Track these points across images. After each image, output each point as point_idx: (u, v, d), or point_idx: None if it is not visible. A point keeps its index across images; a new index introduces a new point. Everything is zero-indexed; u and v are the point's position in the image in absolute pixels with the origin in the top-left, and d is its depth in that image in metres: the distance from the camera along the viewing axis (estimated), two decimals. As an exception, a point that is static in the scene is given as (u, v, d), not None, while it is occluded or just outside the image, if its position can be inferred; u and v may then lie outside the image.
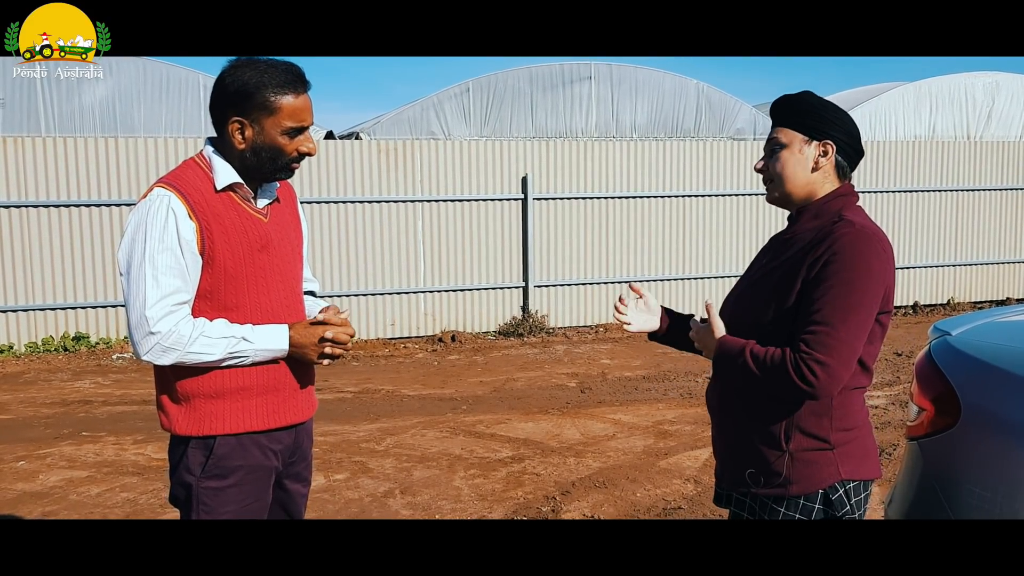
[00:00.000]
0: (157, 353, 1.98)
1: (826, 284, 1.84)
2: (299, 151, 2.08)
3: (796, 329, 1.87)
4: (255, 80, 2.00)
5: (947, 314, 10.49)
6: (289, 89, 2.03)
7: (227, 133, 2.05)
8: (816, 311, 1.84)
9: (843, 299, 1.82)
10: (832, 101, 2.04)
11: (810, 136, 1.98)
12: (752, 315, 1.98)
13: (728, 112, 11.33)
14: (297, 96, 2.04)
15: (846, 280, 1.83)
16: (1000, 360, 2.30)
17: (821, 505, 1.94)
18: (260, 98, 2.01)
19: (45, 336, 8.34)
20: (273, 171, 2.10)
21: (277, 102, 2.01)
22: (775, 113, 2.06)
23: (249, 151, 2.05)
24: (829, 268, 1.85)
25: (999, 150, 11.19)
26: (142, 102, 9.44)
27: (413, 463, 5.15)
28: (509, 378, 7.54)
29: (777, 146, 2.02)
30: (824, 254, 1.87)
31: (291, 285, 2.20)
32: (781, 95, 2.06)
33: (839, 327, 1.82)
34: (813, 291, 1.86)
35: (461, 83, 10.38)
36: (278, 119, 2.03)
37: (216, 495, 2.07)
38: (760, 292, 2.00)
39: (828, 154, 1.99)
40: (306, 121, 2.07)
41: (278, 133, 2.04)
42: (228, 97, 2.03)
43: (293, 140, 2.06)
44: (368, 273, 9.07)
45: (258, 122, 2.03)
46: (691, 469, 4.98)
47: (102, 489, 4.72)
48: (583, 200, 9.67)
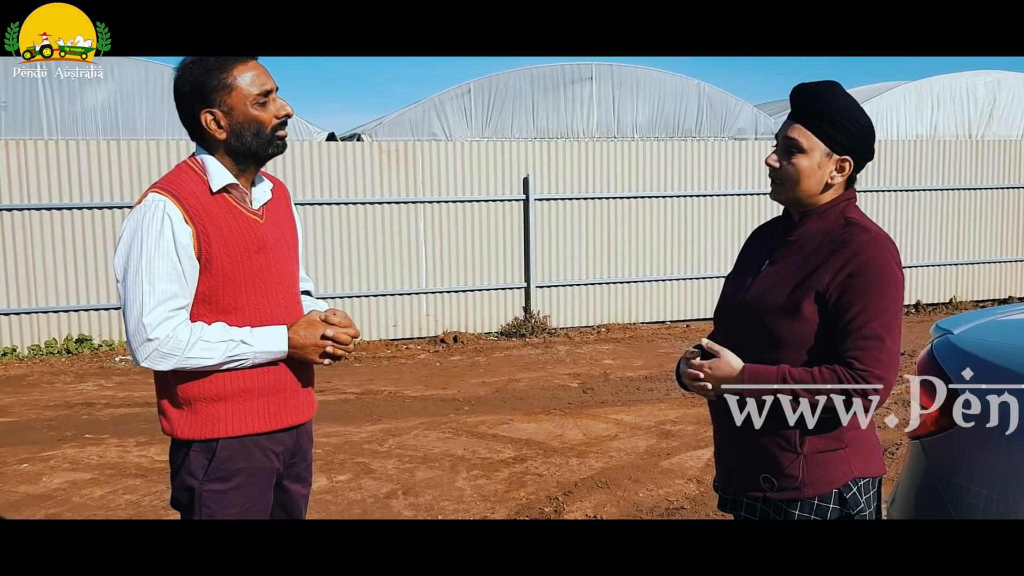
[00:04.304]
0: (156, 359, 1.98)
1: (864, 299, 1.85)
2: (277, 117, 2.08)
3: (839, 344, 1.86)
4: (202, 69, 2.02)
5: (949, 313, 10.47)
6: (237, 62, 2.03)
7: (204, 129, 2.05)
8: (862, 325, 1.84)
9: (884, 312, 1.85)
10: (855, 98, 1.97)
11: (832, 150, 1.94)
12: (765, 323, 1.95)
13: (729, 112, 11.32)
14: (247, 65, 2.05)
15: (882, 292, 1.85)
16: (1002, 359, 2.29)
17: (836, 505, 1.94)
18: (215, 81, 2.02)
19: (48, 339, 8.35)
20: (263, 146, 2.08)
21: (230, 78, 2.02)
22: (798, 105, 1.97)
23: (232, 136, 2.05)
24: (860, 281, 1.85)
25: (1001, 149, 11.17)
26: (144, 104, 9.44)
27: (415, 464, 5.15)
28: (511, 379, 7.54)
29: (795, 148, 1.95)
30: (848, 265, 1.87)
31: (289, 286, 2.20)
32: (807, 84, 1.97)
33: (887, 339, 1.85)
34: (848, 306, 1.86)
35: (462, 84, 10.38)
36: (241, 92, 2.03)
37: (219, 498, 2.06)
38: (773, 299, 1.96)
39: (845, 171, 1.97)
40: (267, 84, 2.06)
41: (249, 106, 2.04)
42: (188, 97, 2.04)
43: (266, 108, 2.06)
44: (370, 274, 9.08)
45: (225, 104, 2.03)
46: (694, 469, 4.97)
47: (105, 491, 4.72)
48: (585, 200, 9.67)
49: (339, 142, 9.26)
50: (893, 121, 12.36)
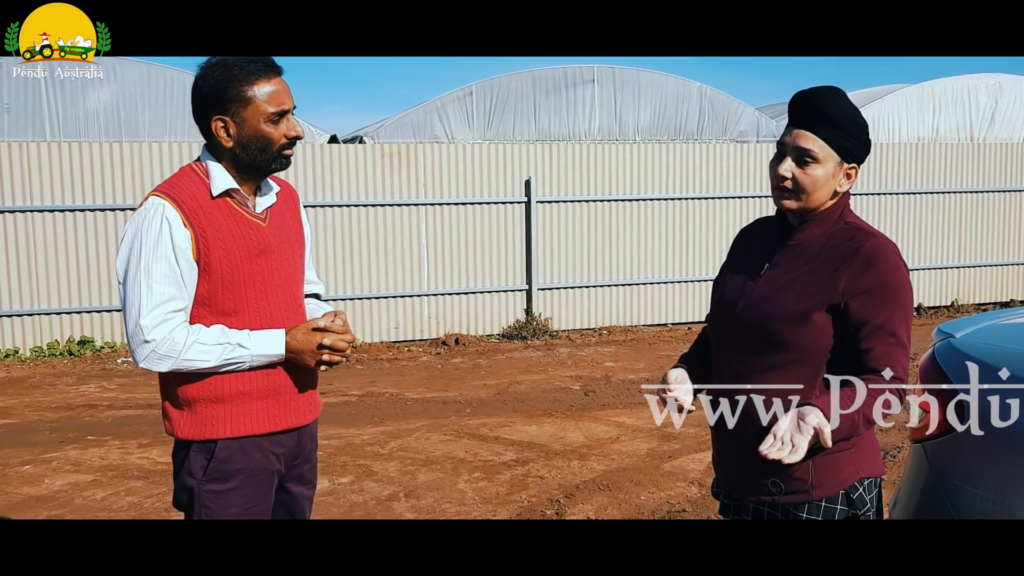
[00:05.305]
0: (153, 360, 2.01)
1: (888, 307, 1.87)
2: (287, 136, 2.08)
3: (864, 350, 1.87)
4: (226, 75, 2.00)
5: (951, 316, 10.46)
6: (261, 76, 2.02)
7: (213, 135, 2.05)
8: (890, 333, 1.87)
9: (905, 320, 1.89)
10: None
11: (843, 158, 1.92)
12: (769, 328, 1.94)
13: (731, 114, 11.32)
14: (270, 81, 2.03)
15: (896, 296, 1.88)
16: (1004, 362, 2.29)
17: (843, 506, 1.94)
18: (234, 91, 2.01)
19: (50, 340, 8.36)
20: (267, 162, 2.08)
21: (252, 91, 2.01)
22: (806, 111, 1.92)
23: (237, 147, 2.05)
24: (883, 292, 1.87)
25: (1003, 152, 11.17)
26: (147, 106, 9.45)
27: (417, 466, 5.15)
28: (513, 381, 7.53)
29: (809, 158, 1.90)
30: (867, 274, 1.87)
31: (291, 289, 2.20)
32: (814, 89, 1.93)
33: (908, 346, 1.89)
34: (871, 314, 1.86)
35: (464, 87, 10.38)
36: (257, 108, 2.02)
37: (218, 498, 2.07)
38: (778, 305, 1.94)
39: (852, 178, 1.96)
40: (285, 104, 2.06)
41: (261, 122, 2.03)
42: (205, 99, 2.03)
43: (278, 126, 2.06)
44: (372, 276, 9.08)
45: (239, 115, 2.02)
46: (695, 472, 4.97)
47: (107, 493, 4.73)
48: (586, 203, 9.67)
49: (341, 144, 9.28)
50: (895, 124, 12.35)
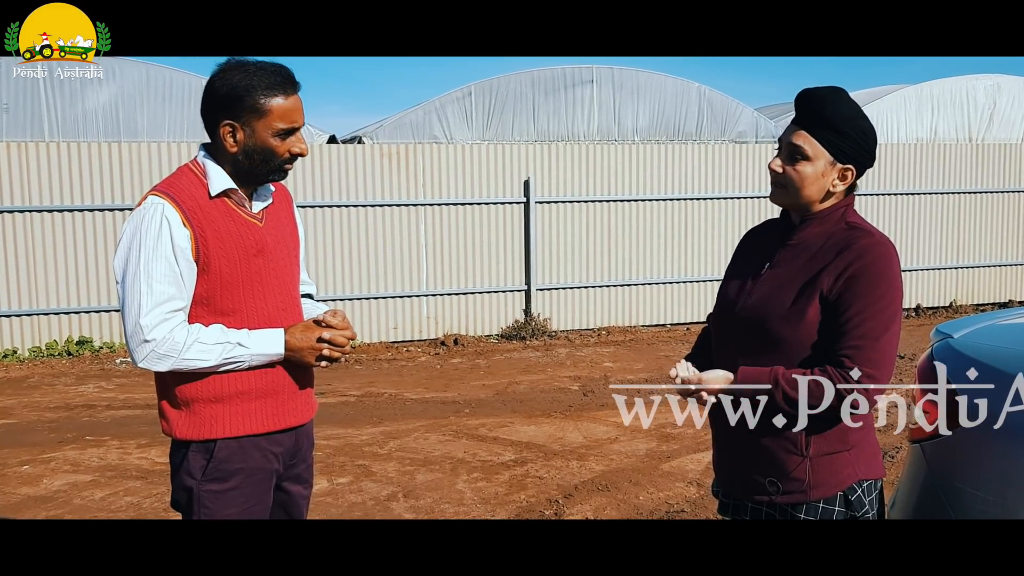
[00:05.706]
0: (152, 360, 2.00)
1: (863, 300, 1.86)
2: (291, 152, 2.08)
3: (834, 343, 1.87)
4: (244, 83, 2.00)
5: (949, 317, 10.47)
6: (279, 91, 2.02)
7: (219, 137, 2.05)
8: (857, 325, 1.85)
9: (882, 312, 1.86)
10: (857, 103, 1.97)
11: (836, 159, 1.93)
12: (768, 327, 1.95)
13: (730, 115, 11.32)
14: (287, 97, 2.04)
15: (881, 294, 1.86)
16: (1002, 363, 2.29)
17: (841, 507, 1.95)
18: (250, 101, 2.01)
19: (49, 340, 8.35)
20: (266, 173, 2.10)
21: (267, 104, 2.01)
22: (803, 110, 1.95)
23: (241, 154, 2.05)
24: (861, 283, 1.86)
25: (1001, 152, 11.18)
26: (145, 106, 9.45)
27: (416, 466, 5.15)
28: (511, 381, 7.53)
29: (799, 154, 1.94)
30: (851, 267, 1.88)
31: (288, 289, 2.21)
32: (814, 89, 1.96)
33: (881, 338, 1.85)
34: (847, 306, 1.86)
35: (463, 87, 10.38)
36: (269, 121, 2.02)
37: (217, 498, 2.07)
38: (776, 303, 1.96)
39: (847, 179, 1.97)
40: (297, 122, 2.07)
41: (269, 135, 2.03)
42: (218, 101, 2.03)
43: (284, 141, 2.06)
44: (371, 277, 9.08)
45: (249, 125, 2.02)
46: (694, 472, 4.97)
47: (106, 493, 4.72)
48: (585, 203, 9.67)
49: (340, 144, 9.28)
50: (893, 124, 12.36)
